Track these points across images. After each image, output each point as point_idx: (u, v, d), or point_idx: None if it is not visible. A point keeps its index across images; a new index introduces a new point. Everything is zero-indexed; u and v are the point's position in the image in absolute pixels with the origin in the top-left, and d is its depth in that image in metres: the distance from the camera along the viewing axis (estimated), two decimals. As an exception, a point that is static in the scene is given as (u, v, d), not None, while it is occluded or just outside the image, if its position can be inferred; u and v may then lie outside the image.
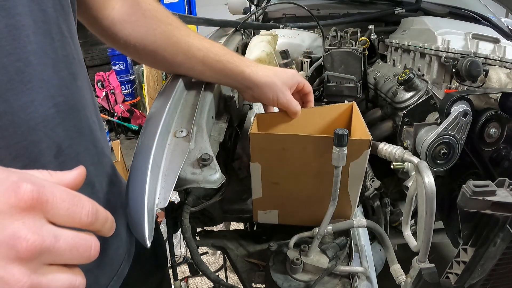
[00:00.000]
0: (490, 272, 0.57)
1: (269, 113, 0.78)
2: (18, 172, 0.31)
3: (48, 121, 0.43)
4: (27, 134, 0.41)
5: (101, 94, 4.20)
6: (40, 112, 0.42)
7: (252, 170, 0.68)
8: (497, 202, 0.51)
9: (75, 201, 0.32)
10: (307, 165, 0.66)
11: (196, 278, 2.04)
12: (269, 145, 0.64)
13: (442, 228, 1.04)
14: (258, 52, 1.00)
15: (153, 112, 0.63)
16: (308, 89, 0.77)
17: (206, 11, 4.06)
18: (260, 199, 0.73)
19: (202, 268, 0.62)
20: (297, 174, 0.68)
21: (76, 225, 0.32)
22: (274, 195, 0.72)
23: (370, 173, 1.04)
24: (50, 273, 0.30)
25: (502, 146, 0.92)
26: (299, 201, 0.73)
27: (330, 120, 0.77)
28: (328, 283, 0.67)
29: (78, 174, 0.36)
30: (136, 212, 0.48)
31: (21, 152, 0.41)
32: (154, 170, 0.51)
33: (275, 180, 0.70)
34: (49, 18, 0.44)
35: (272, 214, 0.76)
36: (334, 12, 1.72)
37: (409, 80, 1.06)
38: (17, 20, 0.39)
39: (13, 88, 0.39)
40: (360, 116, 0.72)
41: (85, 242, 0.32)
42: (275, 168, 0.68)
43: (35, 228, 0.29)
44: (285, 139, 0.63)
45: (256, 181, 0.70)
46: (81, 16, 0.63)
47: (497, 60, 1.02)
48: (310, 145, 0.63)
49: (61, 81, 0.45)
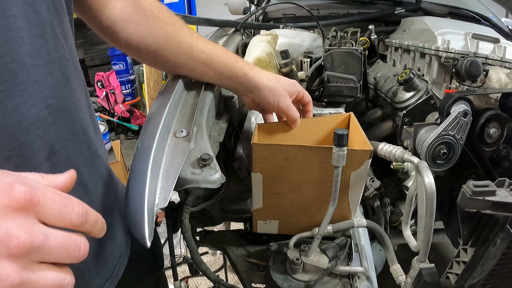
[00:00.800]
0: (490, 272, 0.57)
1: (270, 123, 0.78)
2: (12, 174, 0.32)
3: (40, 123, 0.44)
4: (19, 135, 0.41)
5: (101, 94, 4.20)
6: (33, 113, 0.42)
7: (253, 180, 0.68)
8: (497, 202, 0.51)
9: (66, 203, 0.33)
10: (309, 176, 0.66)
11: (196, 278, 2.04)
12: (272, 155, 0.64)
13: (442, 228, 1.04)
14: (258, 52, 1.00)
15: (153, 112, 0.63)
16: (308, 99, 0.77)
17: (206, 11, 4.06)
18: (261, 210, 0.73)
19: (202, 268, 0.61)
20: (299, 185, 0.68)
21: (66, 225, 0.33)
22: (275, 206, 0.72)
23: (370, 173, 1.04)
24: (40, 271, 0.31)
25: (502, 146, 0.92)
26: (299, 212, 0.73)
27: (329, 130, 0.77)
28: (328, 283, 0.67)
29: (69, 177, 0.37)
30: (136, 212, 0.48)
31: (13, 153, 0.41)
32: (154, 170, 0.51)
33: (277, 190, 0.70)
34: (43, 20, 0.44)
35: (272, 224, 0.76)
36: (334, 12, 1.72)
37: (409, 80, 1.06)
38: (11, 22, 0.40)
39: (6, 89, 0.40)
40: (359, 126, 0.72)
41: (75, 242, 0.33)
42: (277, 179, 0.68)
43: (26, 227, 0.30)
44: (288, 149, 0.63)
45: (257, 192, 0.70)
46: (81, 15, 0.63)
47: (497, 60, 1.02)
48: (313, 156, 0.63)
49: (54, 83, 0.46)
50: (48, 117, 0.44)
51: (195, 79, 0.75)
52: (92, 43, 4.76)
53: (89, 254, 0.35)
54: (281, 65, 1.01)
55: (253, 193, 0.70)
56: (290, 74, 1.01)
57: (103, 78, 4.26)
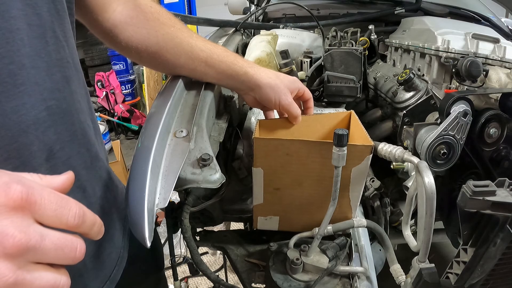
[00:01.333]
0: (490, 272, 0.57)
1: (271, 119, 0.78)
2: (9, 173, 0.32)
3: (39, 124, 0.43)
4: (18, 136, 0.41)
5: (101, 94, 4.20)
6: (32, 114, 0.42)
7: (254, 175, 0.68)
8: (497, 202, 0.51)
9: (63, 203, 0.33)
10: (310, 171, 0.66)
11: (196, 278, 2.04)
12: (273, 150, 0.64)
13: (442, 228, 1.04)
14: (258, 52, 1.00)
15: (153, 112, 0.63)
16: (308, 95, 0.77)
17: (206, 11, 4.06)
18: (261, 205, 0.73)
19: (202, 268, 0.61)
20: (300, 180, 0.68)
21: (63, 226, 0.33)
22: (275, 201, 0.72)
23: (370, 173, 1.04)
24: (35, 271, 0.31)
25: (502, 146, 0.92)
26: (300, 208, 0.73)
27: (330, 127, 0.77)
28: (328, 283, 0.67)
29: (66, 178, 0.37)
30: (136, 212, 0.48)
31: (12, 154, 0.41)
32: (154, 170, 0.51)
33: (277, 186, 0.69)
34: (44, 22, 0.44)
35: (272, 220, 0.76)
36: (334, 12, 1.72)
37: (409, 80, 1.06)
38: (11, 24, 0.39)
39: (5, 91, 0.40)
40: (359, 123, 0.72)
41: (71, 244, 0.33)
42: (277, 174, 0.67)
43: (22, 226, 0.30)
44: (290, 144, 0.63)
45: (258, 187, 0.70)
46: (82, 18, 0.63)
47: (497, 60, 1.02)
48: (314, 151, 0.63)
49: (54, 85, 0.46)
50: (47, 118, 0.44)
51: (195, 79, 0.75)
52: (92, 43, 4.76)
53: (87, 256, 0.35)
54: (281, 65, 1.01)
55: (254, 188, 0.70)
56: (290, 74, 1.01)
57: (103, 78, 4.25)
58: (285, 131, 0.76)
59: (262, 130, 0.75)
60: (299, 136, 0.75)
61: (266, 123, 0.76)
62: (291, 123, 0.74)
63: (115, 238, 0.62)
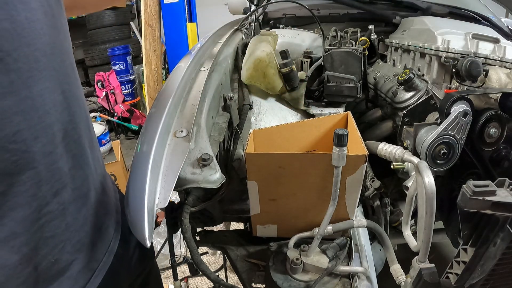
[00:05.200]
0: (490, 272, 0.57)
1: (265, 128, 0.78)
2: None
3: (58, 106, 0.48)
4: (44, 117, 0.46)
5: (101, 94, 4.19)
6: (52, 98, 0.47)
7: (249, 188, 0.68)
8: (497, 202, 0.51)
9: None
10: (304, 182, 0.66)
11: (196, 278, 2.04)
12: (265, 164, 0.65)
13: (442, 228, 1.04)
14: (258, 52, 1.00)
15: (153, 112, 0.63)
16: None
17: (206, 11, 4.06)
18: (259, 215, 0.74)
19: (202, 268, 0.61)
20: (294, 191, 0.68)
21: None
22: (272, 211, 0.73)
23: (370, 173, 1.04)
24: None
25: (502, 146, 0.92)
26: (297, 216, 0.73)
27: (325, 131, 0.77)
28: (328, 283, 0.67)
29: None
30: (136, 212, 0.48)
31: (40, 133, 0.45)
32: (154, 170, 0.51)
33: (273, 197, 0.70)
34: (54, 13, 0.48)
35: (271, 228, 0.77)
36: (334, 12, 1.72)
37: (409, 80, 1.06)
38: (33, 14, 0.44)
39: (33, 76, 0.44)
40: (355, 127, 0.72)
41: None
42: (272, 186, 0.68)
43: None
44: (281, 157, 0.63)
45: (254, 198, 0.70)
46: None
47: (497, 60, 1.02)
48: (307, 162, 0.63)
49: (65, 70, 0.51)
50: (63, 101, 0.49)
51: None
52: (92, 43, 4.76)
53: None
54: (281, 65, 1.01)
55: (250, 199, 0.71)
56: (290, 74, 1.01)
57: (103, 78, 4.25)
58: (280, 139, 0.76)
59: (256, 140, 0.75)
60: (295, 142, 0.75)
61: (261, 132, 0.76)
62: (286, 130, 0.74)
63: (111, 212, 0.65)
